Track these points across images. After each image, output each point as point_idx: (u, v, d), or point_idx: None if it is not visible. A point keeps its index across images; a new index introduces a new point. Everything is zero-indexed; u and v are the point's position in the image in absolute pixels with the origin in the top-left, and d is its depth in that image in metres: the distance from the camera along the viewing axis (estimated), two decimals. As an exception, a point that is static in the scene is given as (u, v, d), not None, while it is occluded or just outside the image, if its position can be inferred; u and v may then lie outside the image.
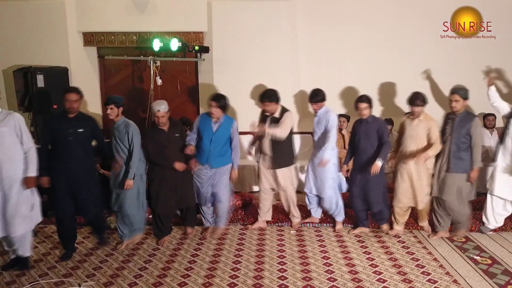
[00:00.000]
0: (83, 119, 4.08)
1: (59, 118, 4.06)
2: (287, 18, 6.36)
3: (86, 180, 4.06)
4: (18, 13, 6.24)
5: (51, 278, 3.75)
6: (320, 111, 4.66)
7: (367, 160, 4.43)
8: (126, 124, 4.17)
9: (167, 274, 3.83)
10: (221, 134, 4.43)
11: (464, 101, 4.30)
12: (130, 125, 4.16)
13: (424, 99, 4.36)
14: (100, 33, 6.52)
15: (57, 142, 3.98)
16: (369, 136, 4.46)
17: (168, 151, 4.29)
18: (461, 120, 4.29)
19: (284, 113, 4.55)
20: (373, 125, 4.47)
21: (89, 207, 4.13)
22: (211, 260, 4.11)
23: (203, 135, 4.42)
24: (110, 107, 4.09)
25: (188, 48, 6.11)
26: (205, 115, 4.52)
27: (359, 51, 6.43)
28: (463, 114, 4.32)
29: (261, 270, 3.88)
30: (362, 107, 4.44)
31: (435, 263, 4.00)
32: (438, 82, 6.40)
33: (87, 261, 4.10)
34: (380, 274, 3.78)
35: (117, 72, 6.84)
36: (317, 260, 4.08)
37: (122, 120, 4.18)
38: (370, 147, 4.46)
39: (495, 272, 3.84)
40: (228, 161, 4.54)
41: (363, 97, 4.48)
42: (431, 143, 4.31)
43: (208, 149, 4.41)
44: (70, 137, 3.95)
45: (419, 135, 4.38)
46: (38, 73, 5.70)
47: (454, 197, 4.36)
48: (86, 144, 4.11)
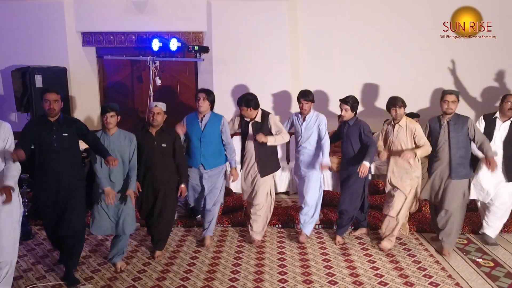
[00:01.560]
0: (66, 121, 3.62)
1: (40, 123, 3.57)
2: (287, 18, 6.32)
3: (73, 192, 3.57)
4: (16, 13, 6.19)
5: (48, 281, 3.71)
6: (309, 115, 4.46)
7: (347, 162, 4.42)
8: (125, 135, 3.84)
9: (166, 277, 3.79)
10: (210, 132, 4.24)
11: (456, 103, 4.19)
12: (132, 135, 3.86)
13: (403, 102, 4.20)
14: (99, 33, 6.46)
15: (39, 150, 3.48)
16: (350, 139, 4.39)
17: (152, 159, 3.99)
18: (455, 124, 4.12)
19: (266, 116, 4.36)
20: (355, 128, 4.36)
21: (72, 222, 3.56)
22: (210, 263, 4.07)
23: (191, 136, 4.27)
24: (110, 115, 3.70)
25: (188, 48, 6.06)
26: (191, 115, 4.36)
27: (359, 51, 6.39)
28: (454, 117, 4.13)
29: (261, 273, 3.84)
30: (343, 108, 4.38)
31: (437, 266, 3.97)
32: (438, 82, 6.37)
33: (85, 263, 4.05)
34: (382, 277, 3.75)
35: (116, 72, 6.80)
36: (317, 263, 4.05)
37: (118, 131, 3.82)
38: (351, 150, 4.39)
39: (497, 275, 3.81)
40: (223, 161, 4.38)
41: (347, 98, 4.39)
42: (420, 145, 4.14)
43: (199, 149, 4.24)
44: (54, 143, 3.48)
45: (401, 141, 4.22)
46: (36, 73, 5.64)
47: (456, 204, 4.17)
48: (73, 150, 3.63)
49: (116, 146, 3.75)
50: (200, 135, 4.23)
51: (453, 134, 4.11)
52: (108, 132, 3.76)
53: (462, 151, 4.11)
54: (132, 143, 3.84)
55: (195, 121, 4.29)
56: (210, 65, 6.36)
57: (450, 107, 4.09)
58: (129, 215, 3.83)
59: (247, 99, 4.27)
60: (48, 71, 5.79)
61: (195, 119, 4.29)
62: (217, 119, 4.29)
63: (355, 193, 4.40)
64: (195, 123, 4.28)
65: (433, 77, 6.33)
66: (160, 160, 4.01)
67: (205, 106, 4.20)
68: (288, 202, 5.83)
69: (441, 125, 4.18)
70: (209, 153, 4.26)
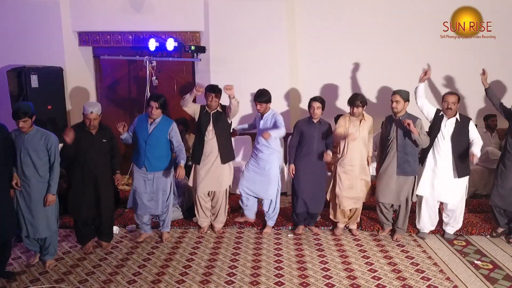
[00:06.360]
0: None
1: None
2: (285, 17, 6.28)
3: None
4: (12, 12, 6.14)
5: (42, 284, 3.67)
6: (266, 113, 4.60)
7: (318, 162, 4.50)
8: (42, 134, 3.75)
9: (161, 279, 3.74)
10: (156, 136, 4.27)
11: (405, 103, 4.35)
12: (49, 135, 3.77)
13: (363, 100, 4.41)
14: (96, 33, 6.41)
15: None
16: (322, 139, 4.51)
17: (91, 155, 4.07)
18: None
19: (224, 106, 4.56)
20: (324, 127, 4.54)
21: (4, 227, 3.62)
22: (206, 264, 4.02)
23: (138, 137, 4.31)
24: (23, 120, 3.60)
25: (185, 48, 6.02)
26: (142, 116, 4.42)
27: (358, 50, 6.34)
28: (404, 116, 4.33)
29: (258, 276, 3.80)
30: (315, 106, 4.44)
31: (435, 268, 3.93)
32: (438, 82, 6.33)
33: (80, 266, 4.01)
34: (379, 280, 3.71)
35: (112, 72, 6.75)
36: (314, 265, 4.01)
37: (35, 130, 3.74)
38: (323, 149, 4.48)
39: (496, 277, 3.76)
40: (167, 166, 4.39)
41: (317, 97, 4.54)
42: None
43: (144, 151, 4.27)
44: None
45: (364, 137, 4.45)
46: (32, 73, 5.59)
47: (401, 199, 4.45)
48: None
49: (30, 145, 3.70)
50: (147, 138, 4.27)
51: (400, 132, 4.30)
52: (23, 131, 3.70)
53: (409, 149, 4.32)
54: (49, 143, 3.75)
55: (144, 123, 4.33)
56: (207, 65, 6.32)
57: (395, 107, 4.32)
58: (45, 217, 3.83)
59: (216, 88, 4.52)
60: (44, 71, 5.75)
61: (145, 121, 4.34)
62: (167, 124, 4.34)
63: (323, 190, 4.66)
64: (144, 125, 4.32)
65: (433, 77, 6.28)
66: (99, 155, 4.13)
67: (157, 113, 4.27)
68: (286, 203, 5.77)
69: (393, 122, 4.40)
70: (154, 156, 4.29)
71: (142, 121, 4.35)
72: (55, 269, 3.91)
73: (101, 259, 4.14)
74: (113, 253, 4.27)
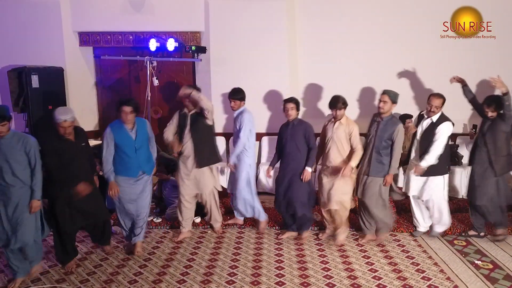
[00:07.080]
0: None
1: None
2: (286, 17, 6.28)
3: None
4: (12, 13, 6.15)
5: (43, 283, 3.68)
6: (237, 111, 4.69)
7: (293, 164, 4.43)
8: (19, 138, 3.52)
9: (162, 279, 3.75)
10: (142, 139, 4.13)
11: (392, 104, 4.29)
12: (27, 138, 3.55)
13: (345, 102, 4.34)
14: (96, 33, 6.42)
15: None
16: (295, 139, 4.41)
17: (75, 163, 3.78)
18: (386, 124, 4.27)
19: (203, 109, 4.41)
20: (299, 128, 4.42)
21: None
22: (207, 265, 4.03)
23: (124, 148, 4.03)
24: (1, 124, 3.39)
25: (185, 48, 6.02)
26: (116, 126, 4.05)
27: (358, 51, 6.34)
28: (388, 117, 4.30)
29: (259, 276, 3.81)
30: (289, 107, 4.40)
31: (436, 268, 3.93)
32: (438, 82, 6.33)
33: (81, 265, 4.02)
34: (380, 280, 3.72)
35: (113, 73, 6.75)
36: (315, 265, 4.01)
37: (11, 133, 3.49)
38: (296, 150, 4.40)
39: (496, 277, 3.77)
40: (153, 165, 4.34)
41: (291, 98, 4.49)
42: (353, 148, 4.30)
43: (136, 159, 4.08)
44: None
45: (340, 138, 4.32)
46: (32, 73, 5.61)
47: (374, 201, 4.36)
48: None
49: (7, 149, 3.47)
50: (135, 145, 4.07)
51: (379, 133, 4.27)
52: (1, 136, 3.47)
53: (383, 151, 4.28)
54: (28, 146, 3.52)
55: (123, 132, 4.04)
56: (208, 65, 6.33)
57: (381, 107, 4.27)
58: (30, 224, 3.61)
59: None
60: (44, 71, 5.76)
61: (122, 129, 4.04)
62: (143, 124, 4.20)
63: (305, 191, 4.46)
64: (124, 134, 4.04)
65: (433, 77, 6.29)
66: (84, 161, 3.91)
67: (133, 118, 4.04)
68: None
69: (375, 121, 4.39)
70: (144, 160, 4.18)
71: (120, 132, 4.04)
72: (55, 269, 3.92)
73: (102, 259, 4.15)
74: (114, 253, 4.28)
